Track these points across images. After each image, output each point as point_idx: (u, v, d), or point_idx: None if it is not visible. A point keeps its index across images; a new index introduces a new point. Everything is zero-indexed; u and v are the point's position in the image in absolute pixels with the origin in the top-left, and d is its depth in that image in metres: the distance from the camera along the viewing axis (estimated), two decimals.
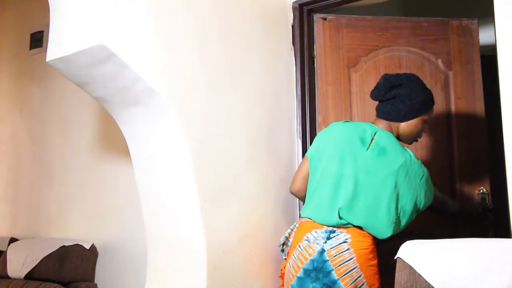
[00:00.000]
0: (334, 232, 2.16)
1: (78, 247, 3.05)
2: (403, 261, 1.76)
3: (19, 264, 3.06)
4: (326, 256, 2.10)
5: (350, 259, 2.09)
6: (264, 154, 2.53)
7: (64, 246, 3.03)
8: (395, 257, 1.80)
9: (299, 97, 2.89)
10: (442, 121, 2.87)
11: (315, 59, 2.96)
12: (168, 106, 2.03)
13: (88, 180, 3.31)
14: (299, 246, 2.19)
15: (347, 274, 2.07)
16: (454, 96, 2.88)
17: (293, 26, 2.95)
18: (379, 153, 2.22)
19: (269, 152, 2.56)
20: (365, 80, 2.88)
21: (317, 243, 2.15)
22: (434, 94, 2.74)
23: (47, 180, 3.53)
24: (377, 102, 2.37)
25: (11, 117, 3.84)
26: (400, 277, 1.76)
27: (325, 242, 2.14)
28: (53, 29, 1.97)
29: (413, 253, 1.77)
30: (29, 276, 2.99)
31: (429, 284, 1.68)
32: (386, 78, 2.33)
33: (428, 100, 2.33)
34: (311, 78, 2.94)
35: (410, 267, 1.73)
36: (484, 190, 2.77)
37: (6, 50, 4.00)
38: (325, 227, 2.18)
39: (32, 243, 3.20)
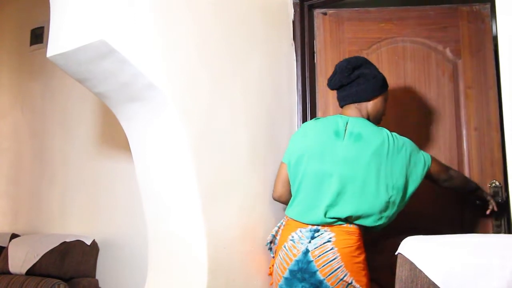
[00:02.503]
0: (318, 231, 2.15)
1: (79, 243, 3.06)
2: (404, 257, 1.76)
3: (20, 260, 3.07)
4: (311, 256, 2.10)
5: (334, 258, 2.08)
6: (264, 149, 2.53)
7: (65, 242, 3.04)
8: (396, 253, 1.80)
9: (300, 93, 2.88)
10: (450, 112, 2.80)
11: (315, 54, 2.96)
12: (169, 102, 2.03)
13: (89, 176, 3.31)
14: (284, 246, 2.19)
15: (332, 274, 2.06)
16: (464, 85, 2.78)
17: (293, 22, 2.95)
18: (355, 139, 2.22)
19: (269, 147, 2.56)
20: None
21: (302, 243, 2.14)
22: (441, 85, 2.79)
23: (48, 176, 3.54)
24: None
25: (12, 113, 3.85)
26: (401, 272, 1.76)
27: (310, 242, 2.13)
28: (54, 25, 1.97)
29: (414, 248, 1.77)
30: (30, 272, 3.00)
31: (430, 280, 1.68)
32: (346, 61, 2.37)
33: (385, 78, 2.38)
34: (312, 73, 2.94)
35: (411, 263, 1.73)
36: (497, 183, 2.66)
37: (6, 46, 4.00)
38: (310, 226, 2.17)
39: (33, 239, 3.21)
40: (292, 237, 2.18)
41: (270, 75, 2.67)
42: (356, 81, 2.32)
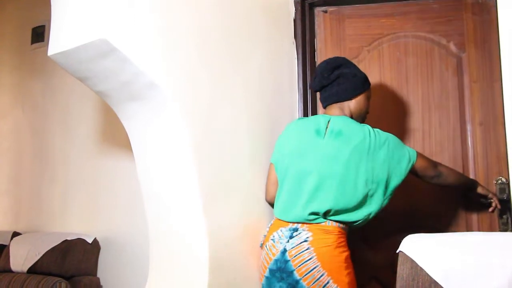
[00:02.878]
0: (297, 230, 2.15)
1: (80, 241, 3.07)
2: (405, 255, 1.77)
3: (21, 258, 3.07)
4: (288, 256, 2.11)
5: (310, 258, 2.07)
6: (265, 148, 2.53)
7: (66, 240, 3.05)
8: (397, 251, 1.80)
9: (301, 91, 2.88)
10: (454, 108, 2.73)
11: (316, 53, 2.95)
12: (170, 100, 2.03)
13: (90, 174, 3.32)
14: (266, 246, 2.22)
15: (308, 274, 2.06)
16: (469, 79, 2.72)
17: (294, 20, 2.94)
18: (335, 136, 2.22)
19: (270, 147, 2.56)
20: (368, 70, 2.78)
21: (281, 243, 2.16)
22: (445, 80, 2.74)
23: (49, 175, 3.54)
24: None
25: (12, 112, 3.85)
26: (402, 270, 1.76)
27: (288, 241, 2.14)
28: (55, 23, 1.97)
29: (415, 246, 1.77)
30: (32, 270, 3.01)
31: (431, 278, 1.68)
32: (325, 62, 2.39)
33: (366, 77, 2.39)
34: (313, 72, 2.93)
35: (412, 261, 1.73)
36: (503, 179, 2.57)
37: (7, 45, 4.00)
38: (290, 225, 2.18)
39: (35, 237, 3.22)
40: (273, 236, 2.20)
41: (271, 74, 2.67)
42: (336, 81, 2.33)
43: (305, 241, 2.11)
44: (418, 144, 2.74)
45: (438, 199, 2.64)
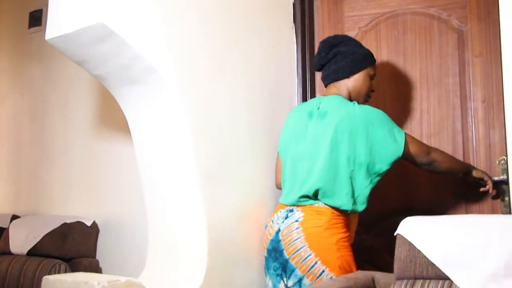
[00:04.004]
0: (292, 211, 2.16)
1: (79, 224, 3.07)
2: (403, 237, 1.78)
3: (21, 241, 3.08)
4: (280, 235, 2.12)
5: (298, 238, 2.07)
6: (265, 133, 2.53)
7: (65, 223, 3.05)
8: (395, 233, 1.82)
9: (300, 76, 2.86)
10: (453, 84, 2.59)
11: (315, 37, 2.94)
12: (168, 85, 2.03)
13: (89, 158, 3.32)
14: (266, 227, 2.25)
15: (295, 253, 2.06)
16: (471, 54, 2.56)
17: (294, 5, 2.92)
18: (322, 117, 2.20)
19: (269, 131, 2.56)
20: None
21: (277, 223, 2.17)
22: (444, 56, 2.62)
23: (48, 159, 3.54)
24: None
25: (11, 97, 3.83)
26: (399, 253, 1.78)
27: (283, 222, 2.15)
28: (52, 7, 1.96)
29: (412, 229, 1.78)
30: (31, 253, 3.02)
31: (428, 260, 1.70)
32: (324, 40, 2.36)
33: (369, 54, 2.32)
34: (312, 56, 2.90)
35: (410, 243, 1.75)
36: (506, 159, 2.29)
37: (4, 29, 3.96)
38: (287, 207, 2.19)
39: (34, 220, 3.22)
40: (273, 218, 2.22)
41: (271, 59, 2.67)
42: (333, 60, 2.31)
43: (296, 221, 2.11)
44: (416, 124, 2.65)
45: (436, 182, 2.56)
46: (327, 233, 2.07)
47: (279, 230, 2.14)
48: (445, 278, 1.67)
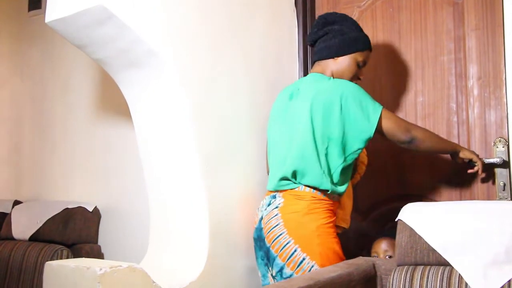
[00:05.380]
0: (274, 197, 2.09)
1: (81, 210, 3.08)
2: (404, 223, 1.78)
3: (23, 226, 3.10)
4: (262, 223, 2.07)
5: (277, 225, 1.99)
6: (265, 117, 2.52)
7: (67, 208, 3.06)
8: (396, 219, 1.82)
9: (301, 60, 2.84)
10: (448, 62, 2.49)
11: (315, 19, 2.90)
12: (168, 68, 2.02)
13: (90, 142, 3.31)
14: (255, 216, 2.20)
15: (275, 241, 1.98)
16: (468, 27, 2.44)
17: None
18: (297, 96, 2.15)
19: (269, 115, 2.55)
20: None
21: (261, 211, 2.13)
22: (439, 32, 2.52)
23: (49, 143, 3.54)
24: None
25: (11, 81, 3.82)
26: (400, 239, 1.78)
27: (265, 209, 2.10)
28: None
29: (413, 215, 1.78)
30: (33, 238, 3.03)
31: (429, 245, 1.70)
32: (320, 16, 2.29)
33: (363, 39, 2.21)
34: None
35: (411, 229, 1.75)
36: (503, 140, 2.30)
37: (4, 12, 3.94)
38: (271, 193, 2.13)
39: (36, 206, 3.23)
40: (260, 206, 2.18)
41: (271, 42, 2.65)
42: (323, 38, 2.23)
43: (276, 207, 2.04)
44: (411, 105, 2.57)
45: (431, 168, 2.49)
46: (306, 218, 1.97)
47: (261, 217, 2.09)
48: (446, 264, 1.67)
